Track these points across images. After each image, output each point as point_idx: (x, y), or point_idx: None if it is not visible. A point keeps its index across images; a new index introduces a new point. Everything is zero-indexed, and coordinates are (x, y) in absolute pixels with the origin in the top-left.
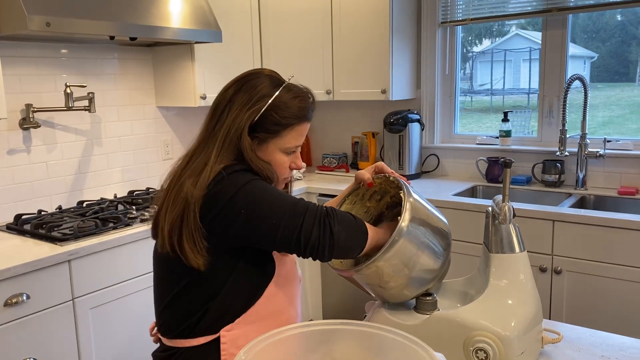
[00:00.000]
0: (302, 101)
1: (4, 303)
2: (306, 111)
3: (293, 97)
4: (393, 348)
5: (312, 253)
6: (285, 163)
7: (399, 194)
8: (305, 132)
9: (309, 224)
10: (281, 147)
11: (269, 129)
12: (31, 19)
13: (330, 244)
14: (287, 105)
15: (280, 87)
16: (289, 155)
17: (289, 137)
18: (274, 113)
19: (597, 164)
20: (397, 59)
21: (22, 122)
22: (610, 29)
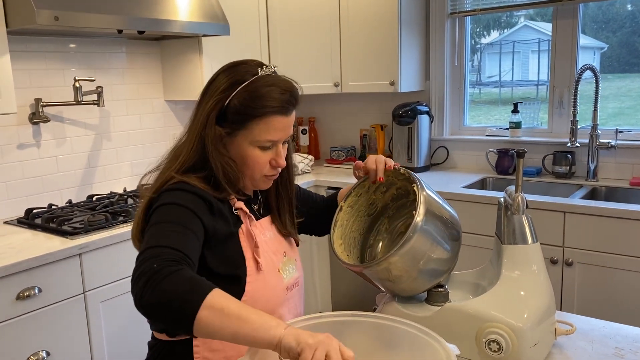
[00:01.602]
0: (273, 92)
1: (16, 296)
2: (276, 103)
3: (263, 86)
4: (405, 339)
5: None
6: (260, 158)
7: (405, 185)
8: (281, 127)
9: (135, 275)
10: (251, 140)
11: (233, 119)
12: (40, 13)
13: (138, 305)
14: (254, 95)
15: (255, 75)
16: (266, 151)
17: (257, 130)
18: (239, 102)
19: (608, 155)
20: (405, 50)
21: (32, 117)
22: (621, 19)
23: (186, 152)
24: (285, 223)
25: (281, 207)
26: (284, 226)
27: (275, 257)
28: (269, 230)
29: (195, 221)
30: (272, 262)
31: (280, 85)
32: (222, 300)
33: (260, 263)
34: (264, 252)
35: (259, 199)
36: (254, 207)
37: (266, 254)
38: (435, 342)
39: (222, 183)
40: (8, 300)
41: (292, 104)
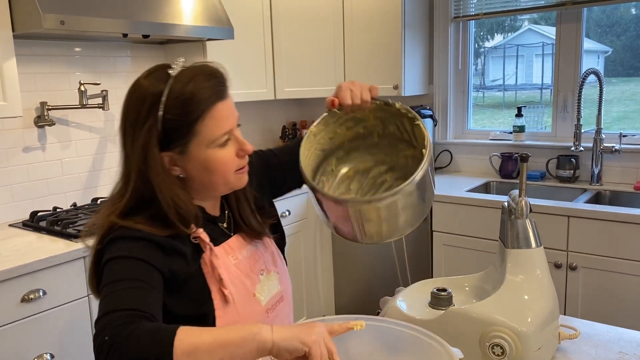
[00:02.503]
0: (196, 84)
1: (20, 299)
2: (209, 92)
3: (185, 85)
4: (408, 343)
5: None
6: (225, 157)
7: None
8: (228, 114)
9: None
10: (206, 143)
11: (178, 134)
12: (46, 17)
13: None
14: (183, 98)
15: (165, 82)
16: (227, 146)
17: (207, 129)
18: (173, 115)
19: (612, 159)
20: (409, 54)
21: (37, 120)
22: (625, 23)
23: (128, 193)
24: (250, 224)
25: (242, 209)
26: (250, 228)
27: (250, 280)
28: (244, 248)
29: (148, 271)
30: (244, 289)
31: (200, 73)
32: (192, 340)
33: (228, 295)
34: (233, 280)
35: (226, 213)
36: (222, 225)
37: (237, 281)
38: (439, 345)
39: (172, 219)
40: (13, 303)
41: (223, 85)
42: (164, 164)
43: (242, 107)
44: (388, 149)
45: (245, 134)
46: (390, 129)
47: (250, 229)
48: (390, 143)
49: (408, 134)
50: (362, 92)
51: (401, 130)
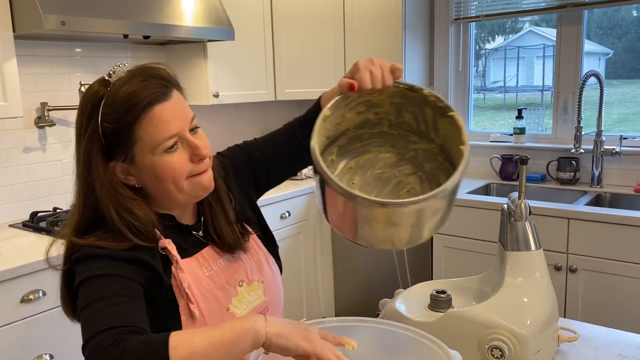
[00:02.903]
0: (130, 86)
1: (20, 299)
2: (144, 94)
3: (118, 89)
4: (407, 345)
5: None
6: (174, 163)
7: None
8: (171, 116)
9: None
10: (149, 149)
11: (118, 141)
12: (46, 18)
13: None
14: (115, 105)
15: (106, 87)
16: (176, 152)
17: (147, 134)
18: (110, 122)
19: (613, 161)
20: (409, 55)
21: (38, 121)
22: (626, 25)
23: (81, 208)
24: (223, 236)
25: (215, 218)
26: (223, 241)
27: (224, 292)
28: (221, 257)
29: (123, 283)
30: (216, 303)
31: (137, 76)
32: (186, 346)
33: (194, 310)
34: (204, 293)
35: (202, 219)
36: (197, 234)
37: (209, 294)
38: (438, 348)
39: (127, 236)
40: (12, 303)
41: (165, 86)
42: (113, 174)
43: (243, 108)
44: (396, 139)
45: (245, 135)
46: (405, 118)
47: (222, 242)
48: (401, 134)
49: (426, 125)
50: (384, 74)
51: (418, 120)
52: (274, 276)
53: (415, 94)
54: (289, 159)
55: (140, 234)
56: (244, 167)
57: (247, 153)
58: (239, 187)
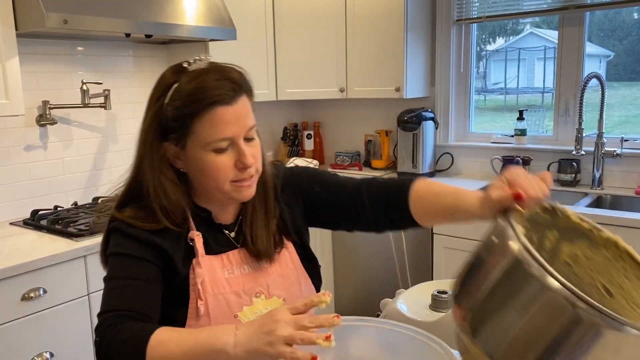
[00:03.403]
0: (206, 82)
1: (21, 297)
2: (213, 92)
3: (190, 81)
4: (409, 345)
5: None
6: (218, 163)
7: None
8: (230, 120)
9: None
10: (201, 144)
11: (175, 127)
12: (49, 16)
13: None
14: (186, 92)
15: (182, 73)
16: (225, 153)
17: (203, 130)
18: (173, 106)
19: (613, 163)
20: (411, 56)
21: (39, 119)
22: (627, 27)
23: (128, 181)
24: (255, 241)
25: (254, 222)
26: (253, 245)
27: (238, 299)
28: (247, 264)
29: (142, 266)
30: (226, 306)
31: (214, 73)
32: (162, 349)
33: (200, 307)
34: (217, 294)
35: (239, 221)
36: (229, 234)
37: (220, 296)
38: (440, 348)
39: (157, 213)
40: (13, 301)
41: (235, 90)
42: (164, 153)
43: None
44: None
45: None
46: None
47: (254, 246)
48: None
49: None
50: (539, 183)
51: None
52: (300, 295)
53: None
54: (340, 214)
55: (169, 217)
56: (300, 189)
57: (310, 179)
58: (288, 202)
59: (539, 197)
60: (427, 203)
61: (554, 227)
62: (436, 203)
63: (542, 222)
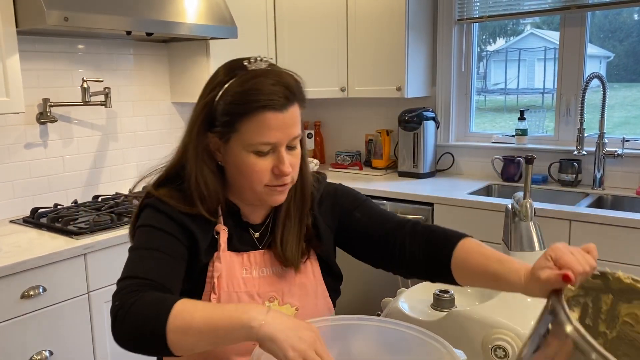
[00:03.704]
0: (261, 84)
1: (20, 295)
2: (266, 97)
3: (248, 80)
4: (411, 344)
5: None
6: (256, 165)
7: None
8: (277, 126)
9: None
10: (244, 144)
11: (222, 121)
12: (50, 13)
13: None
14: (240, 90)
15: (241, 70)
16: (265, 157)
17: (249, 131)
18: (225, 101)
19: (615, 163)
20: (412, 56)
21: (39, 117)
22: (628, 29)
23: (171, 162)
24: (285, 248)
25: (287, 229)
26: (282, 252)
27: (250, 299)
28: (267, 267)
29: (171, 242)
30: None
31: (271, 76)
32: (186, 317)
33: (213, 300)
34: (231, 291)
35: (266, 223)
36: (254, 234)
37: (234, 294)
38: (443, 347)
39: (194, 199)
40: (12, 299)
41: (288, 98)
42: (207, 143)
43: None
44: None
45: None
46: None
47: (283, 252)
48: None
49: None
50: (586, 258)
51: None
52: (315, 307)
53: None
54: (373, 247)
55: (205, 204)
56: (340, 208)
57: (352, 202)
58: (323, 216)
59: (587, 273)
60: (472, 263)
61: (608, 290)
62: (482, 265)
63: (594, 287)
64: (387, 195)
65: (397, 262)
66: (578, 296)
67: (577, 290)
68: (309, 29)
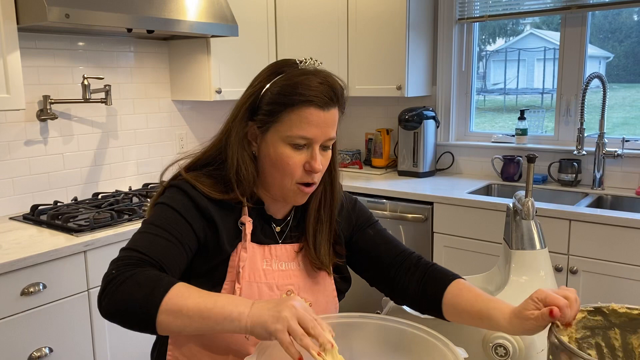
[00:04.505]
0: (309, 81)
1: (20, 292)
2: (312, 93)
3: (297, 75)
4: (412, 342)
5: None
6: (291, 158)
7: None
8: (317, 122)
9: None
10: (282, 135)
11: (266, 110)
12: (51, 10)
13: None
14: (288, 83)
15: (290, 67)
16: (300, 151)
17: (290, 122)
18: (272, 92)
19: (614, 163)
20: (413, 55)
21: (40, 114)
22: (627, 29)
23: (206, 148)
24: (319, 252)
25: (319, 233)
26: (317, 256)
27: (270, 291)
28: (285, 261)
29: (184, 228)
30: (257, 295)
31: (319, 75)
32: (179, 301)
33: (237, 290)
34: (252, 281)
35: (287, 220)
36: (274, 228)
37: (255, 284)
38: (443, 345)
39: (232, 182)
40: (13, 296)
41: (332, 99)
42: (247, 131)
43: None
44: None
45: None
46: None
47: (317, 255)
48: None
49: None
50: (566, 292)
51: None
52: (325, 305)
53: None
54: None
55: (241, 188)
56: (356, 220)
57: (368, 219)
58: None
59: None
60: (461, 302)
61: (611, 325)
62: (470, 304)
63: (597, 325)
64: (387, 194)
65: (394, 289)
66: (586, 337)
67: (581, 331)
68: (310, 27)
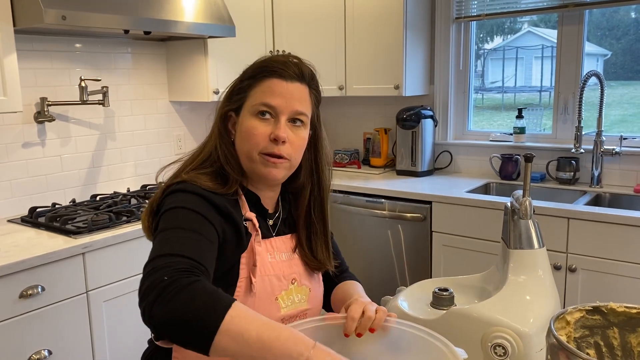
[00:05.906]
0: (274, 58)
1: (19, 295)
2: (274, 65)
3: (265, 58)
4: (412, 342)
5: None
6: (256, 128)
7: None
8: (280, 92)
9: (143, 287)
10: (250, 109)
11: (238, 92)
12: (47, 12)
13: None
14: (254, 66)
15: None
16: (265, 122)
17: (255, 94)
18: (242, 78)
19: (612, 161)
20: (410, 54)
21: (37, 116)
22: (625, 27)
23: (200, 146)
24: (316, 251)
25: (313, 235)
26: (313, 255)
27: (279, 282)
28: (284, 252)
29: (207, 226)
30: (269, 287)
31: (286, 56)
32: (242, 323)
33: (254, 285)
34: (263, 275)
35: (277, 214)
36: (268, 222)
37: (266, 277)
38: (443, 345)
39: (226, 168)
40: (11, 299)
41: (296, 74)
42: (227, 121)
43: None
44: None
45: None
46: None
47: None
48: None
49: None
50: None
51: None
52: (319, 289)
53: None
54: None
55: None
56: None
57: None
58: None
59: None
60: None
61: (610, 324)
62: (342, 288)
63: (596, 324)
64: (385, 193)
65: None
66: (585, 337)
67: (580, 330)
68: (307, 27)
